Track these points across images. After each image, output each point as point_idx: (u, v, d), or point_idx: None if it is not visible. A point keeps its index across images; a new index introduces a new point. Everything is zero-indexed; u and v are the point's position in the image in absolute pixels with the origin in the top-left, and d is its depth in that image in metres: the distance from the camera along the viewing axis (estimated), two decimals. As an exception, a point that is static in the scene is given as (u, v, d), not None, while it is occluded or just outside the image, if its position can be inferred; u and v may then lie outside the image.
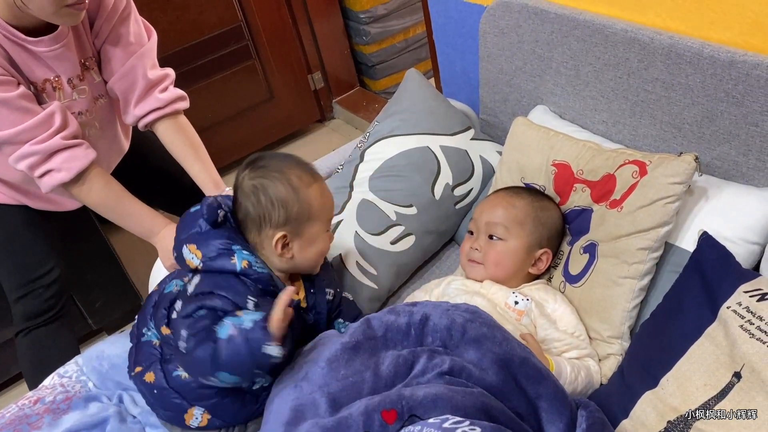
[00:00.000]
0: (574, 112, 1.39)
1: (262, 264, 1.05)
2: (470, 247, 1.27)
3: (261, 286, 1.03)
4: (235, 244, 1.04)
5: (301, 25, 2.75)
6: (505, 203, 1.26)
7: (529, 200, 1.26)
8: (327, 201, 1.11)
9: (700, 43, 1.10)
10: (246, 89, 2.72)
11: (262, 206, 1.05)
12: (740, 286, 0.94)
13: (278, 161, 1.08)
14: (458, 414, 0.83)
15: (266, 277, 1.04)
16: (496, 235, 1.24)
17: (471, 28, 1.56)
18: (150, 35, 1.37)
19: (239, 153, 2.84)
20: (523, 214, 1.24)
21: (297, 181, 1.06)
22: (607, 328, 1.14)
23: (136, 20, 1.33)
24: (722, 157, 1.15)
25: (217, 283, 1.01)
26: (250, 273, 1.02)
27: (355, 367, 0.91)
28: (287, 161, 1.09)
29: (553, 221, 1.26)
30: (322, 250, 1.12)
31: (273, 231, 1.05)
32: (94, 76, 1.35)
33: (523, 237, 1.23)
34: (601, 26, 1.24)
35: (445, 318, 0.98)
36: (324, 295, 1.17)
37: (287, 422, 0.87)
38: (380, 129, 1.53)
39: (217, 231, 1.06)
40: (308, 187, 1.07)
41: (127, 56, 1.32)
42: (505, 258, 1.23)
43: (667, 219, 1.09)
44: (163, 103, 1.37)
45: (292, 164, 1.08)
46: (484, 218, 1.27)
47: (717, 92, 1.10)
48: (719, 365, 0.90)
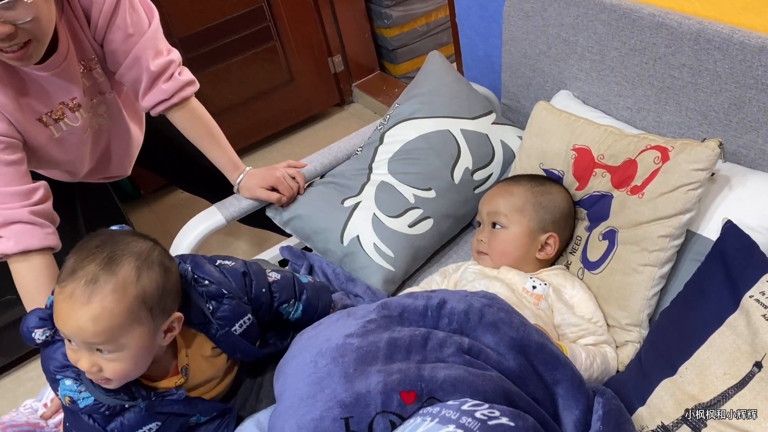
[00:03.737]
0: (598, 98, 1.37)
1: (85, 393, 0.92)
2: (477, 239, 1.30)
3: (95, 413, 0.93)
4: (59, 374, 0.92)
5: (323, 7, 2.74)
6: (503, 192, 1.28)
7: (527, 186, 1.27)
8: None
9: (729, 29, 1.07)
10: (266, 71, 2.71)
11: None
12: (764, 275, 0.92)
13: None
14: (477, 398, 0.84)
15: (90, 407, 0.92)
16: (499, 223, 1.26)
17: (495, 11, 1.55)
18: (152, 18, 1.31)
19: (258, 135, 2.85)
20: (522, 201, 1.25)
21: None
22: (625, 316, 1.13)
23: (133, 8, 1.27)
24: (749, 146, 1.13)
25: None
26: (76, 410, 0.92)
27: (370, 339, 0.92)
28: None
29: (556, 204, 1.25)
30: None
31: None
32: (97, 76, 1.31)
33: (524, 223, 1.24)
34: (628, 10, 1.22)
35: (463, 303, 0.98)
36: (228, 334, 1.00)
37: (305, 396, 0.87)
38: (401, 111, 1.52)
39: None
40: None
41: (129, 48, 1.27)
42: (509, 245, 1.24)
43: (689, 206, 1.07)
44: (168, 94, 1.34)
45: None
46: (485, 209, 1.29)
47: (746, 79, 1.08)
48: (740, 354, 0.89)
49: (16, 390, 2.08)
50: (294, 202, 1.46)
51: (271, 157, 2.84)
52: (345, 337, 0.92)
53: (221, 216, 1.45)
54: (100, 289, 0.83)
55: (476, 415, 0.79)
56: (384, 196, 1.41)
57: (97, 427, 0.93)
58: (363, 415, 0.82)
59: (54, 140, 1.28)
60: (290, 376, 0.93)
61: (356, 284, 1.34)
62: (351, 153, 1.57)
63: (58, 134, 1.28)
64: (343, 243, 1.38)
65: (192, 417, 1.00)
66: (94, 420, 0.93)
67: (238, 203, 1.47)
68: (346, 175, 1.48)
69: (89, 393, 0.91)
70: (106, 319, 0.83)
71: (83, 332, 0.84)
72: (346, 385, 0.85)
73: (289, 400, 0.89)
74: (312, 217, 1.43)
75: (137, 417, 0.94)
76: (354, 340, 0.92)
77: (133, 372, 0.90)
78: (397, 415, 0.83)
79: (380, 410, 0.82)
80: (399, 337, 0.92)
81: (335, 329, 0.96)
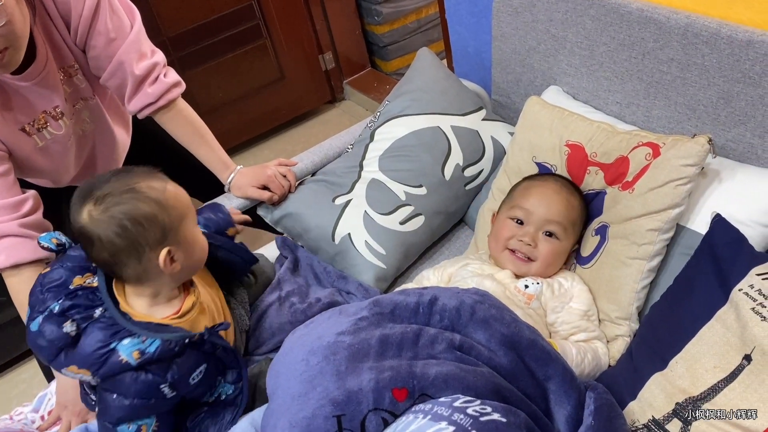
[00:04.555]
0: (588, 93, 1.38)
1: (150, 338, 0.94)
2: (519, 240, 1.19)
3: (165, 356, 0.95)
4: (111, 341, 0.93)
5: (313, 4, 2.73)
6: (565, 201, 1.20)
7: (580, 198, 1.22)
8: (184, 193, 1.02)
9: (717, 23, 1.08)
10: (256, 69, 2.71)
11: (132, 234, 0.93)
12: (753, 268, 0.93)
13: (119, 182, 0.96)
14: (469, 394, 0.84)
15: (161, 349, 0.94)
16: (555, 234, 1.18)
17: (484, 7, 1.54)
18: (133, 20, 1.28)
19: (250, 133, 2.84)
20: (578, 215, 1.21)
21: (153, 191, 0.96)
22: (615, 309, 1.13)
23: (113, 11, 1.24)
24: (737, 139, 1.14)
25: (118, 386, 0.95)
26: (147, 361, 0.94)
27: (361, 336, 0.92)
28: (129, 178, 0.97)
29: (588, 217, 1.24)
30: (203, 243, 1.05)
31: (155, 252, 0.95)
32: (78, 82, 1.29)
33: (572, 238, 1.21)
34: (616, 5, 1.22)
35: (454, 299, 0.98)
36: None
37: (297, 394, 0.87)
38: (391, 108, 1.52)
39: (79, 334, 0.94)
40: (164, 191, 0.98)
41: (112, 53, 1.25)
42: (559, 258, 1.20)
43: (679, 201, 1.08)
44: (155, 98, 1.32)
45: (136, 178, 0.97)
46: (541, 213, 1.19)
47: (734, 73, 1.08)
48: (729, 348, 0.89)
49: (10, 392, 2.08)
50: (285, 201, 1.46)
51: (263, 155, 2.84)
52: (336, 335, 0.92)
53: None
54: None
55: (468, 411, 0.79)
56: (375, 193, 1.41)
57: (156, 378, 0.95)
58: (355, 412, 0.82)
59: (38, 149, 1.26)
60: (282, 375, 0.93)
61: (348, 282, 1.34)
62: (342, 151, 1.57)
63: (42, 143, 1.26)
64: (334, 241, 1.38)
65: (227, 372, 1.07)
66: (151, 373, 0.94)
67: (229, 202, 1.46)
68: (337, 172, 1.48)
69: (152, 338, 0.94)
70: None
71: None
72: (338, 383, 0.85)
73: (282, 398, 0.89)
74: (303, 216, 1.43)
75: (189, 358, 0.97)
76: (346, 337, 0.92)
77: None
78: (389, 413, 0.83)
79: (372, 408, 0.82)
80: (390, 334, 0.92)
81: (327, 327, 0.96)
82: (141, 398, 0.95)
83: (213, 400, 1.07)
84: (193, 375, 0.99)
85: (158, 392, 0.96)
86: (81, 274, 0.99)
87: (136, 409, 0.96)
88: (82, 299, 0.96)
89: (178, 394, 0.98)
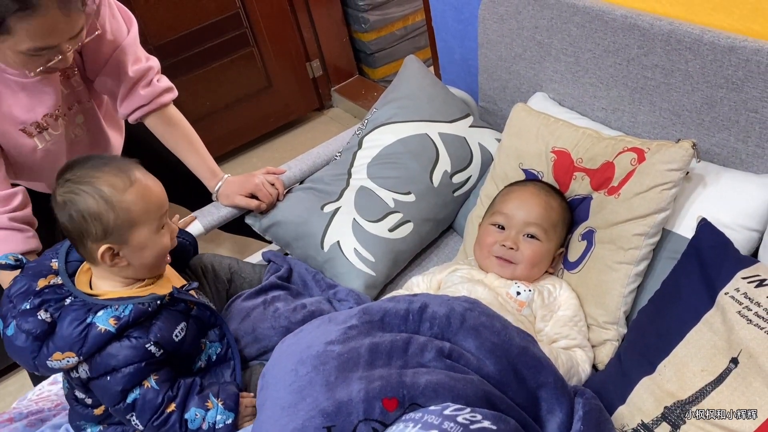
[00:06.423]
0: (573, 99, 1.39)
1: (122, 305, 0.98)
2: (502, 245, 1.20)
3: (140, 317, 0.98)
4: (87, 317, 0.96)
5: (300, 12, 2.73)
6: (543, 203, 1.21)
7: (559, 200, 1.23)
8: (150, 201, 1.02)
9: (700, 29, 1.09)
10: (244, 77, 2.70)
11: (76, 222, 0.97)
12: (738, 272, 0.94)
13: (87, 170, 0.98)
14: (459, 402, 0.84)
15: (135, 311, 0.97)
16: (536, 236, 1.19)
17: (470, 14, 1.55)
18: (130, 26, 1.32)
19: (237, 141, 2.84)
20: (558, 217, 1.22)
21: (109, 189, 0.97)
22: (602, 314, 1.14)
23: (113, 15, 1.28)
24: (721, 144, 1.15)
25: (106, 362, 0.97)
26: (124, 325, 0.97)
27: (351, 345, 0.91)
28: (97, 168, 0.99)
29: (571, 221, 1.25)
30: (159, 250, 1.05)
31: (96, 245, 0.98)
32: (75, 84, 1.31)
33: (554, 239, 1.22)
34: (600, 12, 1.23)
35: (444, 307, 0.98)
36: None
37: (286, 405, 0.87)
38: (378, 116, 1.52)
39: (55, 322, 0.96)
40: (123, 193, 0.98)
41: (108, 54, 1.28)
42: (543, 259, 1.20)
43: (664, 205, 1.09)
44: (147, 100, 1.34)
45: (102, 171, 0.98)
46: (521, 216, 1.20)
47: (717, 78, 1.09)
48: (717, 351, 0.90)
49: (-4, 405, 2.05)
50: (273, 209, 1.46)
51: (251, 163, 2.83)
52: (326, 345, 0.92)
53: (200, 225, 1.44)
54: None
55: (458, 419, 0.79)
56: (363, 201, 1.41)
57: (139, 341, 0.98)
58: (345, 423, 0.82)
59: (38, 151, 1.27)
60: (272, 385, 0.93)
61: (338, 290, 1.34)
62: (330, 158, 1.57)
63: (41, 145, 1.27)
64: (323, 249, 1.37)
65: (209, 330, 1.11)
66: (133, 338, 0.98)
67: (217, 211, 1.46)
68: (325, 180, 1.48)
69: (124, 305, 0.98)
70: None
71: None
72: (327, 393, 0.85)
73: (271, 409, 0.89)
74: (292, 224, 1.43)
75: (168, 318, 1.01)
76: (335, 347, 0.91)
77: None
78: (379, 423, 0.83)
79: (362, 418, 0.82)
80: (380, 343, 0.92)
81: (316, 336, 0.96)
82: (132, 363, 0.98)
83: (205, 365, 1.10)
84: (176, 332, 1.02)
85: (146, 352, 0.98)
86: (44, 276, 1.02)
87: (132, 376, 0.98)
88: (51, 294, 0.99)
89: (166, 352, 1.01)
